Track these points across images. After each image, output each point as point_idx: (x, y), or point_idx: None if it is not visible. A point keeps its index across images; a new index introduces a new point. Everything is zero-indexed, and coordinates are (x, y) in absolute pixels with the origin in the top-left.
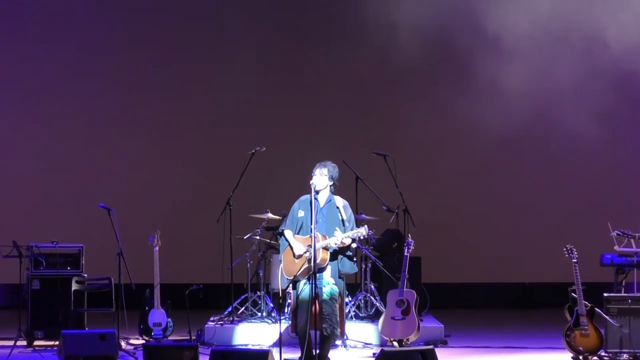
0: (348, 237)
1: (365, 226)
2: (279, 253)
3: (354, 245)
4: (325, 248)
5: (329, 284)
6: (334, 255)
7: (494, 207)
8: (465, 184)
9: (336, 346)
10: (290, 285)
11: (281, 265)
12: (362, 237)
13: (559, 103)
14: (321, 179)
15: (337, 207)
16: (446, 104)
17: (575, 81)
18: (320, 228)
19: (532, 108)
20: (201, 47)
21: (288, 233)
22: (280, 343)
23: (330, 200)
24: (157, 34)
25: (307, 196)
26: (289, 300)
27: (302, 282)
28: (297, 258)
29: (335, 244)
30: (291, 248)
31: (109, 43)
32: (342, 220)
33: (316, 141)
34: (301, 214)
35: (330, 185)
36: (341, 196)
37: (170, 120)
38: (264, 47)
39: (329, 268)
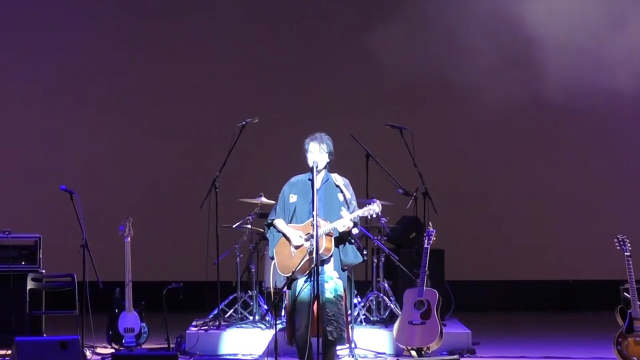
0: (358, 216)
1: (378, 202)
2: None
3: (355, 230)
4: (329, 234)
5: (332, 279)
6: (335, 244)
7: (531, 189)
8: (497, 163)
9: (338, 357)
10: (286, 284)
11: (274, 262)
12: (374, 215)
13: (610, 62)
14: (321, 155)
15: (337, 186)
16: (472, 68)
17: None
18: (318, 213)
19: (575, 69)
20: (179, 2)
21: (280, 222)
22: (275, 352)
23: (328, 180)
24: None
25: (299, 177)
26: (285, 302)
27: (301, 279)
28: (295, 249)
29: (344, 226)
30: (287, 239)
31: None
32: (345, 199)
33: (318, 112)
34: (293, 198)
35: (327, 162)
36: (346, 176)
37: (144, 89)
38: (255, 4)
39: (331, 260)
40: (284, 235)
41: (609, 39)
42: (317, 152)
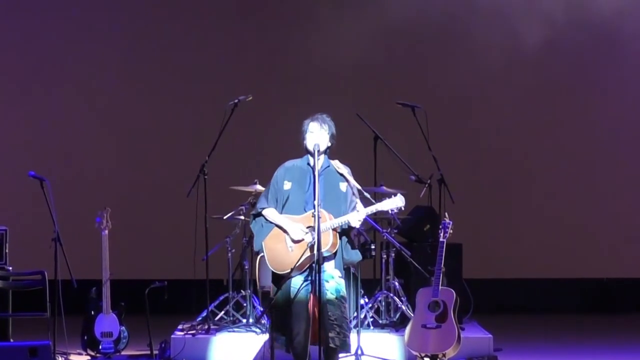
0: (378, 210)
1: (400, 195)
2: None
3: (357, 224)
4: (335, 229)
5: (333, 278)
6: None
7: (560, 176)
8: (521, 148)
9: None
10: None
11: (260, 256)
12: (395, 211)
13: None
14: (322, 136)
15: (341, 174)
16: (491, 35)
17: None
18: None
19: (610, 43)
20: None
21: (272, 212)
22: (271, 359)
23: (329, 166)
24: None
25: (295, 162)
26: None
27: (298, 278)
28: (294, 244)
29: (359, 220)
30: (284, 231)
31: None
32: (352, 189)
33: (320, 89)
34: (287, 185)
35: (328, 147)
36: (351, 162)
37: (124, 71)
38: None
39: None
40: (279, 227)
41: None
42: (318, 132)
